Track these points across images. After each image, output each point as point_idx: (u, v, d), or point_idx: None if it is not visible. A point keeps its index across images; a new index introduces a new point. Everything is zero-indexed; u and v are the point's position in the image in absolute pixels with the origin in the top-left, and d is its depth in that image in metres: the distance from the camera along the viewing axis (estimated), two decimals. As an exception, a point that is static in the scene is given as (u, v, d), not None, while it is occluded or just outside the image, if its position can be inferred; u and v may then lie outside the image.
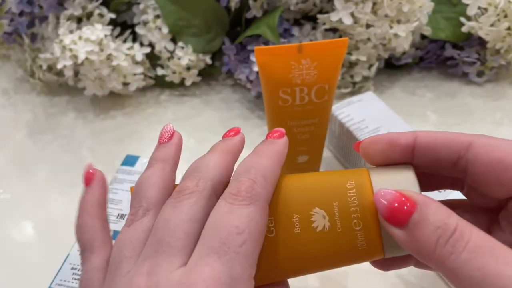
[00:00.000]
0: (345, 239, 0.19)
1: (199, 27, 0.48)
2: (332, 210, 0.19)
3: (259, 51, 0.30)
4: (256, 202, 0.18)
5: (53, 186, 0.42)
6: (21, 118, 0.49)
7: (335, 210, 0.19)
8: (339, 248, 0.19)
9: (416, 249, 0.17)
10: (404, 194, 0.18)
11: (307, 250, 0.19)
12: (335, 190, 0.20)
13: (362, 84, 0.48)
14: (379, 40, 0.44)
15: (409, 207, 0.17)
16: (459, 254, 0.15)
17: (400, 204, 0.17)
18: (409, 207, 0.17)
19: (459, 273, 0.15)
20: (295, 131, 0.34)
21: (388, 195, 0.18)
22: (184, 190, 0.19)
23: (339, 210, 0.19)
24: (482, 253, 0.15)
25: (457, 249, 0.16)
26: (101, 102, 0.50)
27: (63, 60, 0.44)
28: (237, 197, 0.18)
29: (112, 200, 0.35)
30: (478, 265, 0.15)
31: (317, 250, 0.19)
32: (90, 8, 0.47)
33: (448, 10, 0.47)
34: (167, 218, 0.18)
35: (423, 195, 0.18)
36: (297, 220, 0.19)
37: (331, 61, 0.31)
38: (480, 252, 0.15)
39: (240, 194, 0.18)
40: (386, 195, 0.18)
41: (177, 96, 0.50)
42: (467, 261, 0.15)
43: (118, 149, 0.44)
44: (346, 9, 0.42)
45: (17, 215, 0.39)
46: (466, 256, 0.15)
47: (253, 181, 0.19)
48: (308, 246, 0.19)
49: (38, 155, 0.45)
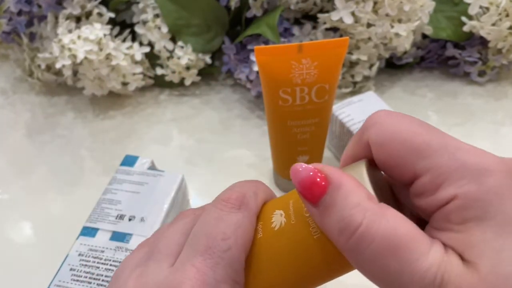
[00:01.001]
0: (299, 228, 0.18)
1: (198, 26, 0.48)
2: (288, 207, 0.19)
3: (259, 51, 0.30)
4: (245, 211, 0.19)
5: (52, 186, 0.41)
6: (19, 118, 0.49)
7: (290, 206, 0.19)
8: (296, 240, 0.18)
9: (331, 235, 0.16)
10: (321, 170, 0.16)
11: (270, 251, 0.19)
12: (292, 191, 0.20)
13: (363, 84, 0.48)
14: (380, 40, 0.44)
15: (322, 187, 0.16)
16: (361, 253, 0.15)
17: (314, 182, 0.16)
18: (322, 187, 0.16)
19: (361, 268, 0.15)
20: (296, 131, 0.34)
21: (304, 170, 0.16)
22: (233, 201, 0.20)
23: (293, 206, 0.19)
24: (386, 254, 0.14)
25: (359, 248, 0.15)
26: (100, 102, 0.50)
27: (62, 60, 0.43)
28: (227, 204, 0.19)
29: (111, 201, 0.34)
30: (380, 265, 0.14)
31: (279, 248, 0.19)
32: (89, 7, 0.47)
33: (449, 9, 0.47)
34: (162, 233, 0.20)
35: (343, 174, 0.16)
36: (260, 227, 0.20)
37: (332, 60, 0.31)
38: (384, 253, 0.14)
39: (230, 201, 0.19)
40: (303, 170, 0.16)
41: (176, 96, 0.50)
42: (369, 261, 0.14)
43: (117, 149, 0.44)
44: (347, 8, 0.41)
45: (15, 216, 0.39)
46: (368, 256, 0.14)
47: (244, 193, 0.19)
48: (269, 247, 0.19)
49: (36, 155, 0.45)
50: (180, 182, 0.36)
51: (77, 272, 0.30)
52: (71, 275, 0.30)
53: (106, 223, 0.33)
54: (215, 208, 0.19)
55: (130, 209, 0.34)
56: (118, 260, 0.31)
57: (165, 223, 0.34)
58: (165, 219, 0.33)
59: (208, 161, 0.43)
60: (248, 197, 0.19)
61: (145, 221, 0.33)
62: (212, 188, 0.39)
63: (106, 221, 0.33)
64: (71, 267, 0.31)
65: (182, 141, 0.45)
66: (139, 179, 0.36)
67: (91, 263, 0.31)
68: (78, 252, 0.31)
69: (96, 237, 0.32)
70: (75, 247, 0.32)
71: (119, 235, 0.32)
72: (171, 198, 0.35)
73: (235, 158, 0.43)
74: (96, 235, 0.32)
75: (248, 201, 0.19)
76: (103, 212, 0.34)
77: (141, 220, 0.33)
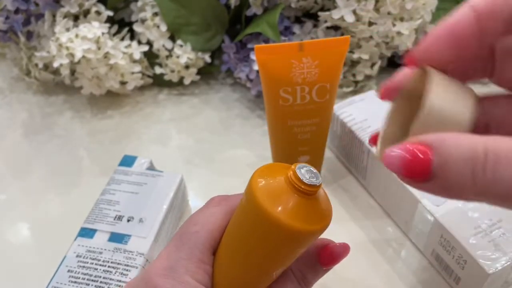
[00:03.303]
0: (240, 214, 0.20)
1: (198, 25, 0.47)
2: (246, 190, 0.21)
3: (259, 50, 0.30)
4: (223, 206, 0.22)
5: (50, 187, 0.41)
6: (16, 118, 0.49)
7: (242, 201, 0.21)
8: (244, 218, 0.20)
9: (454, 193, 0.15)
10: (412, 144, 0.15)
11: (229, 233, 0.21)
12: None
13: (365, 83, 0.47)
14: (382, 38, 0.44)
15: (425, 156, 0.14)
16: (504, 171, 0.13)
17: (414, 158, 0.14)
18: (425, 155, 0.14)
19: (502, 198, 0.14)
20: (296, 131, 0.33)
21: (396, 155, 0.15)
22: None
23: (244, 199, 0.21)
24: None
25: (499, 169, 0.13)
26: (98, 101, 0.49)
27: (59, 59, 0.43)
28: (212, 201, 0.23)
29: (110, 201, 0.34)
30: None
31: (234, 228, 0.21)
32: (87, 5, 0.46)
33: (452, 7, 0.46)
34: None
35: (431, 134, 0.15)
36: None
37: (333, 59, 0.30)
38: None
39: (215, 199, 0.23)
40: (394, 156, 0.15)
41: (175, 95, 0.50)
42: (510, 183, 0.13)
43: (116, 149, 0.44)
44: (348, 7, 0.41)
45: (12, 216, 0.39)
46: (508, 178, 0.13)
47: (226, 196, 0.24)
48: (228, 231, 0.21)
49: (34, 155, 0.45)
50: (179, 183, 0.36)
51: (75, 274, 0.30)
52: (69, 277, 0.30)
53: (104, 224, 0.33)
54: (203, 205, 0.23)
55: (129, 210, 0.34)
56: (117, 262, 0.31)
57: (164, 223, 0.33)
58: (164, 220, 0.33)
59: (207, 161, 0.43)
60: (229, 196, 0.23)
61: (144, 222, 0.33)
62: (212, 188, 0.39)
63: (104, 222, 0.33)
64: (68, 269, 0.31)
65: (181, 141, 0.45)
66: (138, 179, 0.36)
67: (89, 264, 0.31)
68: (76, 253, 0.31)
69: (94, 238, 0.32)
70: (72, 248, 0.32)
71: (118, 236, 0.32)
72: (170, 199, 0.34)
73: (235, 158, 0.42)
74: (94, 236, 0.32)
75: (228, 198, 0.23)
76: (101, 213, 0.34)
77: (139, 221, 0.33)
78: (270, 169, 0.20)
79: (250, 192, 0.19)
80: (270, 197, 0.18)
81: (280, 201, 0.18)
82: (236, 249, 0.20)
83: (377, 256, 0.33)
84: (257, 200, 0.18)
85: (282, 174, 0.19)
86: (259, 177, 0.19)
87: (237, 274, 0.21)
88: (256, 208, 0.18)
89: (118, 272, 0.30)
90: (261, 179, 0.19)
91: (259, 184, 0.19)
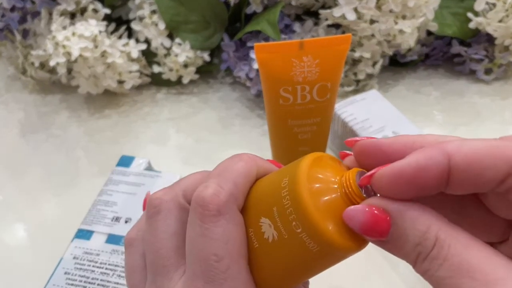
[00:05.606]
0: (294, 245, 0.17)
1: (197, 23, 0.47)
2: (273, 216, 0.17)
3: (259, 48, 0.30)
4: (225, 215, 0.17)
5: (46, 187, 0.41)
6: (12, 117, 0.48)
7: (275, 216, 0.17)
8: (295, 256, 0.17)
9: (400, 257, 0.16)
10: (375, 205, 0.16)
11: (271, 263, 0.18)
12: (273, 193, 0.18)
13: (366, 82, 0.47)
14: (384, 37, 0.43)
15: (385, 222, 0.16)
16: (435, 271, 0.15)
17: (375, 222, 0.16)
18: (386, 222, 0.16)
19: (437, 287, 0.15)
20: (296, 131, 0.33)
21: (359, 213, 0.16)
22: (151, 205, 0.19)
23: (278, 215, 0.17)
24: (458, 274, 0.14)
25: (433, 267, 0.15)
26: (96, 100, 0.49)
27: (56, 57, 0.43)
28: (204, 211, 0.17)
29: (107, 202, 0.34)
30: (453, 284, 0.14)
31: (278, 262, 0.18)
32: (84, 3, 0.46)
33: (455, 5, 0.46)
34: (149, 241, 0.19)
35: (397, 201, 0.16)
36: (252, 235, 0.18)
37: (334, 58, 0.30)
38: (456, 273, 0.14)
39: (207, 208, 0.17)
40: (357, 214, 0.16)
41: (174, 94, 0.50)
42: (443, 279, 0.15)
43: (113, 149, 0.44)
44: (350, 4, 0.41)
45: (8, 217, 0.39)
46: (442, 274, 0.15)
47: (219, 187, 0.18)
48: (269, 260, 0.18)
49: (30, 155, 0.44)
50: (177, 184, 0.35)
51: (72, 276, 0.30)
52: (66, 279, 0.30)
53: (101, 226, 0.33)
54: (196, 219, 0.18)
55: (126, 211, 0.33)
56: (114, 264, 0.30)
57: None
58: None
59: (206, 161, 0.42)
60: (223, 193, 0.18)
61: (141, 224, 0.32)
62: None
63: (102, 223, 0.33)
64: (65, 271, 0.30)
65: (179, 141, 0.45)
66: (136, 180, 0.36)
67: (86, 266, 0.30)
68: (72, 255, 0.31)
69: (92, 240, 0.32)
70: (69, 250, 0.31)
71: (115, 237, 0.32)
72: (168, 200, 0.34)
73: (235, 158, 0.42)
74: (91, 237, 0.32)
75: (223, 199, 0.17)
76: (99, 214, 0.33)
77: (137, 223, 0.32)
78: (321, 166, 0.18)
79: (297, 199, 0.16)
80: (323, 214, 0.16)
81: (334, 218, 0.16)
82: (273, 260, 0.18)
83: (380, 259, 0.33)
84: (310, 217, 0.16)
85: (336, 176, 0.17)
86: (310, 180, 0.17)
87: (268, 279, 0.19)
88: (306, 222, 0.16)
89: (115, 274, 0.30)
90: (312, 183, 0.17)
91: (310, 191, 0.16)
